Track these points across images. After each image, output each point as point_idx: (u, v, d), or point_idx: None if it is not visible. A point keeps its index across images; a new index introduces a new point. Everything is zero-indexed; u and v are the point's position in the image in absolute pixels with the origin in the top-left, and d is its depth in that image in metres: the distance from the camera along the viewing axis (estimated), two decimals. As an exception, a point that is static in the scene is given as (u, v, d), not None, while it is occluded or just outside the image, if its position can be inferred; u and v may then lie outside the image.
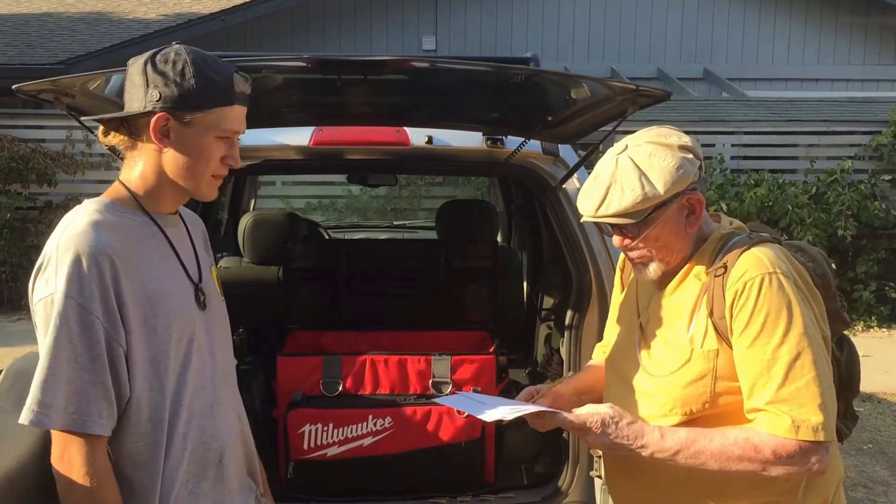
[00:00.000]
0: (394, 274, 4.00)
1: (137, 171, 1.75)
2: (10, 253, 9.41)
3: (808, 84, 13.05)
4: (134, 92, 1.69)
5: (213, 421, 1.81)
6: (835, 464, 1.84)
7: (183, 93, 1.67)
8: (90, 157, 9.70)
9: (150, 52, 1.70)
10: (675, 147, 1.76)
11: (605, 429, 1.75)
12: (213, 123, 1.71)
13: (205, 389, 1.80)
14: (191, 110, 1.68)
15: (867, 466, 5.01)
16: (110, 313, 1.61)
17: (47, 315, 1.59)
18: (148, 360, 1.68)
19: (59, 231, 1.67)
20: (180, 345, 1.74)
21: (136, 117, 1.69)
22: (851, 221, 8.93)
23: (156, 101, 1.66)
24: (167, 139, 1.70)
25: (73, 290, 1.58)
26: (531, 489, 3.24)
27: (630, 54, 13.11)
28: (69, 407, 1.58)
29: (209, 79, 1.69)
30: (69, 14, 13.26)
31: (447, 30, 13.03)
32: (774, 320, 1.67)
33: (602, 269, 2.95)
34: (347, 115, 3.02)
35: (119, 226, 1.70)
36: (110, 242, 1.64)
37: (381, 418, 3.17)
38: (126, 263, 1.65)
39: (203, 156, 1.74)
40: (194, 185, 1.77)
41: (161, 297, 1.71)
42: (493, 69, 2.43)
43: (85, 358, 1.59)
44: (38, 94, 2.16)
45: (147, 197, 1.76)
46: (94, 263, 1.60)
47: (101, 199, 1.74)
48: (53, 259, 1.62)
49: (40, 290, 1.62)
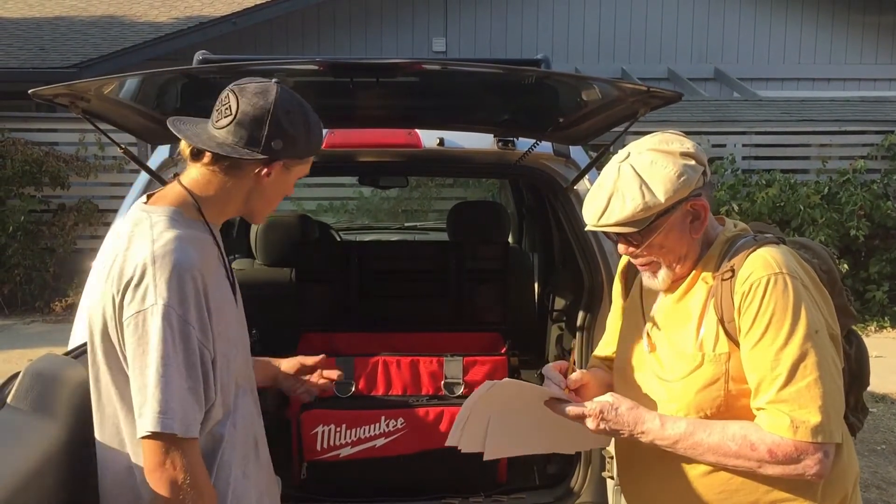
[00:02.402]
0: (405, 275, 4.01)
1: (215, 188, 1.84)
2: (23, 255, 9.48)
3: (820, 83, 13.00)
4: (246, 130, 1.77)
5: (249, 410, 1.95)
6: (851, 461, 1.84)
7: (300, 147, 1.83)
8: (103, 160, 9.76)
9: (259, 90, 1.79)
10: (676, 154, 1.76)
11: (605, 415, 1.77)
12: (302, 170, 1.91)
13: (246, 382, 1.95)
14: (298, 160, 1.86)
15: (881, 467, 4.98)
16: (203, 323, 1.72)
17: (148, 326, 1.67)
18: (222, 365, 1.79)
19: (146, 244, 1.73)
20: (239, 349, 1.89)
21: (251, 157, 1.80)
22: (864, 221, 8.89)
23: (278, 151, 1.79)
24: (267, 178, 1.83)
25: (174, 302, 1.67)
26: (543, 490, 3.24)
27: (641, 55, 13.10)
28: (179, 413, 1.66)
29: (315, 133, 1.88)
30: (81, 18, 13.33)
31: (457, 31, 13.04)
32: (779, 321, 1.67)
33: (613, 270, 2.94)
34: (359, 118, 3.03)
35: (196, 239, 1.79)
36: (197, 258, 1.74)
37: (394, 419, 3.18)
38: (207, 277, 1.76)
39: (282, 194, 1.92)
40: (262, 215, 1.97)
41: (224, 304, 1.83)
42: (505, 71, 2.43)
43: (185, 367, 1.68)
44: (54, 98, 2.17)
45: (211, 209, 1.86)
46: (190, 278, 1.70)
47: (168, 209, 1.80)
48: (150, 273, 1.69)
49: (134, 304, 1.69)
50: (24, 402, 1.77)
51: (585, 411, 1.79)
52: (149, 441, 1.67)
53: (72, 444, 1.82)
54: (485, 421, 1.90)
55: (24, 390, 1.78)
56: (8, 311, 9.54)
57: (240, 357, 1.91)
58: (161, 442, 1.66)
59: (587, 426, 1.81)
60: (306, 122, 1.84)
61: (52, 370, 1.87)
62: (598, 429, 1.79)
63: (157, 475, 1.67)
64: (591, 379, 2.01)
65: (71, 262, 9.30)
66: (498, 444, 1.97)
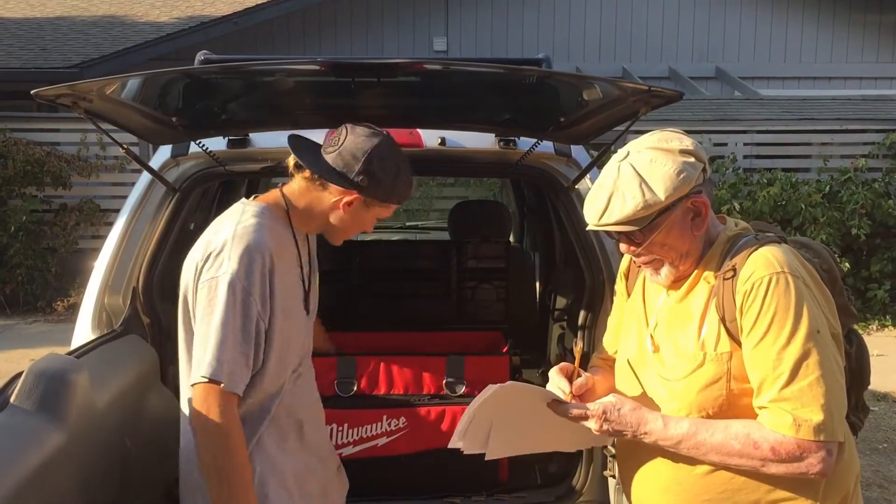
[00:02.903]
0: (407, 275, 4.02)
1: (305, 200, 2.18)
2: (25, 255, 9.48)
3: (821, 82, 12.99)
4: (343, 161, 2.08)
5: (301, 393, 2.25)
6: (852, 459, 1.84)
7: (383, 191, 2.12)
8: (104, 160, 9.76)
9: (367, 133, 2.11)
10: (675, 152, 1.76)
11: (608, 416, 1.78)
12: (382, 212, 2.20)
13: (305, 369, 2.27)
14: (378, 202, 2.15)
15: (882, 466, 4.99)
16: (263, 298, 2.02)
17: (217, 291, 1.97)
18: (278, 342, 2.08)
19: (231, 224, 2.06)
20: (300, 336, 2.20)
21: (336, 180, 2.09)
22: (865, 220, 8.88)
23: (361, 186, 2.08)
24: (347, 207, 2.12)
25: (241, 275, 1.98)
26: (545, 488, 3.24)
27: (642, 54, 13.09)
28: (227, 368, 1.95)
29: (400, 185, 2.15)
30: (83, 18, 13.34)
31: (458, 31, 13.04)
32: (781, 320, 1.67)
33: (615, 269, 2.94)
34: (361, 118, 3.03)
35: (275, 230, 2.11)
36: (270, 243, 2.05)
37: (396, 418, 3.18)
38: (278, 261, 2.06)
39: (359, 226, 2.22)
40: (338, 238, 2.27)
41: (290, 293, 2.15)
42: (506, 70, 2.43)
43: (241, 333, 1.97)
44: (56, 98, 2.18)
45: (297, 217, 2.19)
46: (259, 256, 2.01)
47: (262, 204, 2.15)
48: (228, 247, 2.01)
49: (211, 271, 2.00)
50: (28, 402, 1.78)
51: (588, 413, 1.80)
52: (197, 386, 1.96)
53: (75, 444, 1.83)
54: (488, 423, 1.91)
55: (27, 390, 1.79)
56: (10, 311, 9.55)
57: (298, 344, 2.20)
58: (207, 388, 1.94)
59: (590, 427, 1.81)
60: (396, 174, 2.12)
61: (55, 370, 1.87)
62: (602, 430, 1.80)
63: (197, 418, 1.95)
64: (595, 381, 2.01)
65: (73, 262, 9.31)
66: (500, 445, 1.97)
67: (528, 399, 1.89)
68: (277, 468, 2.14)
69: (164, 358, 2.85)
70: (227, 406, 1.94)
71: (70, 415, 1.84)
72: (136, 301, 2.84)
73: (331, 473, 2.42)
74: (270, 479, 2.12)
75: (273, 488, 2.12)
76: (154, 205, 2.94)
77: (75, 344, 2.72)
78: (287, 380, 2.16)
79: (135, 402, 2.46)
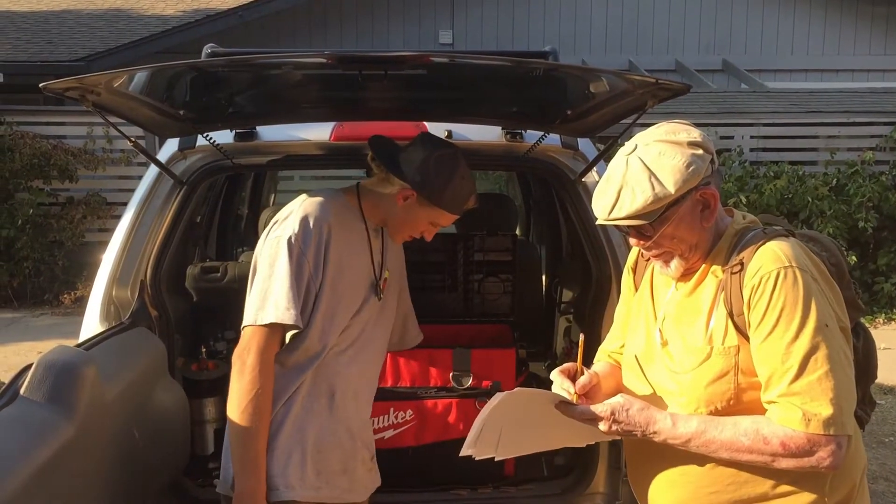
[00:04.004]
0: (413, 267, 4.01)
1: (374, 190, 2.41)
2: (32, 248, 9.50)
3: (828, 75, 12.95)
4: (410, 159, 2.32)
5: (340, 367, 2.35)
6: (859, 453, 1.84)
7: (435, 191, 2.30)
8: (111, 153, 9.75)
9: (437, 143, 2.39)
10: (684, 144, 1.76)
11: (616, 417, 1.78)
12: (435, 216, 2.37)
13: (348, 354, 2.36)
14: (429, 202, 2.32)
15: (889, 459, 4.99)
16: (316, 263, 2.25)
17: (277, 248, 2.23)
18: (324, 311, 2.27)
19: (301, 199, 2.35)
20: (348, 312, 2.34)
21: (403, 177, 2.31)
22: (872, 213, 8.86)
23: (414, 182, 2.29)
24: (406, 202, 2.34)
25: (298, 237, 2.23)
26: (551, 481, 3.24)
27: (648, 46, 13.06)
28: (275, 311, 2.17)
29: (451, 192, 2.32)
30: (88, 11, 13.36)
31: (464, 23, 13.02)
32: (790, 314, 1.67)
33: (622, 262, 2.94)
34: (367, 111, 3.03)
35: (340, 211, 2.36)
36: (331, 218, 2.30)
37: (403, 411, 3.19)
38: (337, 236, 2.29)
39: (410, 226, 2.41)
40: (397, 234, 2.47)
41: (348, 270, 2.33)
42: (512, 63, 2.43)
43: (295, 279, 2.20)
44: (65, 91, 2.18)
45: (367, 204, 2.42)
46: (318, 225, 2.26)
47: (339, 189, 2.44)
48: (294, 214, 2.28)
49: (277, 230, 2.27)
50: (38, 394, 1.79)
51: (597, 414, 1.79)
52: (245, 329, 2.20)
53: (84, 436, 1.84)
54: (497, 429, 1.91)
55: (37, 381, 1.80)
56: (17, 304, 9.59)
57: (344, 322, 2.33)
58: (252, 331, 2.18)
59: (599, 429, 1.81)
60: (450, 180, 2.30)
61: (64, 361, 1.88)
62: (611, 430, 1.80)
63: (237, 358, 2.18)
64: (599, 378, 1.99)
65: (79, 255, 9.33)
66: (510, 446, 1.98)
67: (536, 403, 1.89)
68: (298, 424, 2.28)
69: (171, 350, 2.85)
70: (267, 349, 2.17)
71: (79, 406, 1.85)
72: (144, 294, 2.85)
73: (359, 455, 2.44)
74: (288, 432, 2.27)
75: (284, 439, 2.26)
76: (161, 198, 2.95)
77: (83, 336, 2.72)
78: (327, 352, 2.30)
79: (143, 394, 2.48)
